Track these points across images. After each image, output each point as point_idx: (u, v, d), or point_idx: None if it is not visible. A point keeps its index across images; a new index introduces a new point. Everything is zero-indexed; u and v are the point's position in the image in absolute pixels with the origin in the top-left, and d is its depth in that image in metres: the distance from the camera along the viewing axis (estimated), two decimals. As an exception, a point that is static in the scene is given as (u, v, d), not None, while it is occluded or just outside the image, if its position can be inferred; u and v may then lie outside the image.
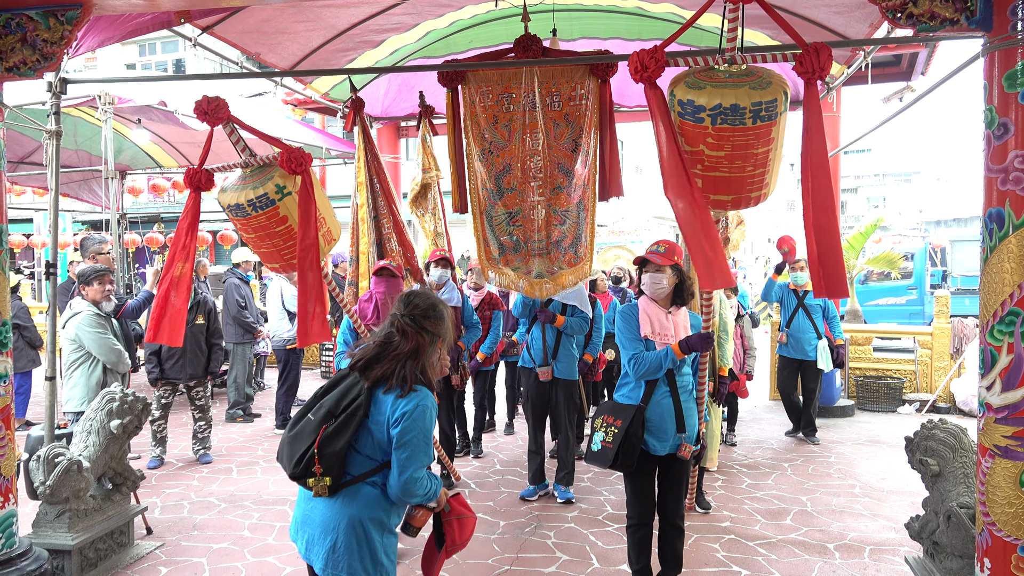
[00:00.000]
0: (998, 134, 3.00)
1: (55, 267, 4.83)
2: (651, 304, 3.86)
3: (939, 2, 3.06)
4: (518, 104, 4.95)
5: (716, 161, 3.31)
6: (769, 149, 3.30)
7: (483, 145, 5.06)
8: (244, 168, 4.08)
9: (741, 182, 3.37)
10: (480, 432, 7.36)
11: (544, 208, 5.05)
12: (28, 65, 3.71)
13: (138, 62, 24.74)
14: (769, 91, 3.20)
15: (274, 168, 3.97)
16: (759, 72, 3.34)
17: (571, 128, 4.97)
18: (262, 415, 8.85)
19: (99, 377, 5.55)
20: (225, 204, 4.00)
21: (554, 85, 4.92)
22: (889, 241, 21.70)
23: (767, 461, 6.82)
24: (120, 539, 4.71)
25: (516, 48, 4.89)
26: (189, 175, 4.07)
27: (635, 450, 3.71)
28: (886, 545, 4.82)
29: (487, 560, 4.62)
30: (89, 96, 7.20)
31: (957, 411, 8.75)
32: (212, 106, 3.94)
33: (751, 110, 3.16)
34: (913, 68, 8.43)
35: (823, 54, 3.22)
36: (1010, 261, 2.97)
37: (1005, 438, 2.99)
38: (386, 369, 2.57)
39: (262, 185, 3.90)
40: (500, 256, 5.19)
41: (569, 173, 5.00)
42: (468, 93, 5.01)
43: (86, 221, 19.72)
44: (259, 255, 4.28)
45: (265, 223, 3.97)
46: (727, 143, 3.24)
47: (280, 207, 3.93)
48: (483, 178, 5.11)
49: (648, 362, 3.70)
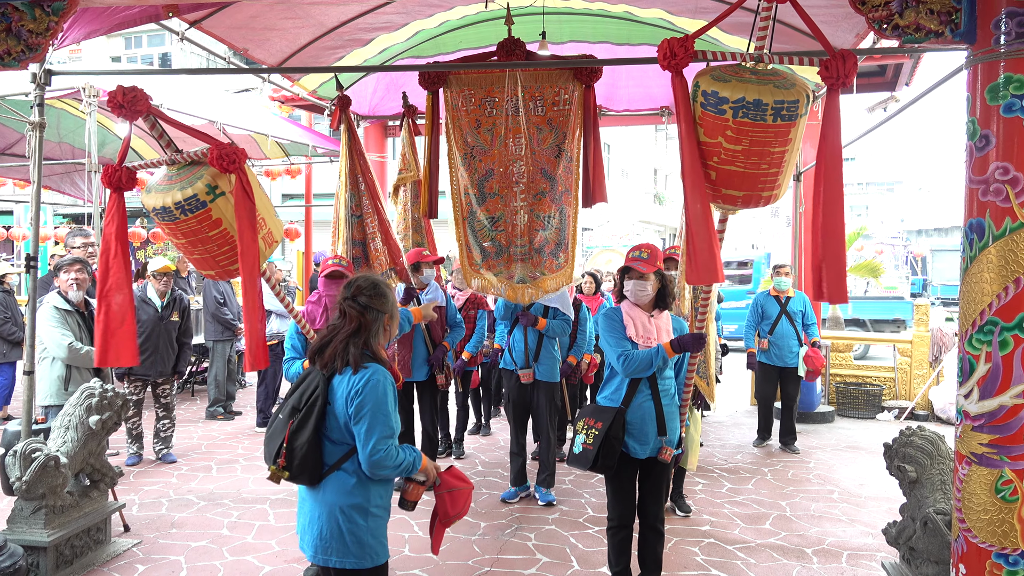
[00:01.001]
0: (980, 146, 3.04)
1: (36, 260, 4.78)
2: (634, 308, 3.89)
3: (925, 14, 3.10)
4: (501, 108, 4.93)
5: (733, 155, 3.32)
6: (786, 150, 3.33)
7: (465, 149, 5.03)
8: (170, 166, 3.71)
9: (755, 179, 3.38)
10: (463, 433, 7.35)
11: (527, 213, 5.04)
12: (12, 56, 3.67)
13: (124, 55, 24.55)
14: (792, 92, 3.23)
15: (204, 166, 3.59)
16: (784, 73, 3.37)
17: (554, 133, 4.96)
18: (243, 413, 8.79)
19: (61, 371, 5.44)
20: (150, 207, 3.62)
21: (537, 90, 4.90)
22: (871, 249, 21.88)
23: (747, 465, 6.86)
24: (97, 536, 4.67)
25: (499, 52, 4.87)
26: (107, 174, 3.71)
27: (615, 452, 3.73)
28: (863, 550, 4.86)
29: (467, 561, 4.61)
30: (73, 88, 7.12)
31: (935, 419, 8.84)
32: (128, 98, 3.53)
33: (773, 107, 3.18)
34: (898, 78, 8.53)
35: (849, 61, 3.24)
36: (989, 271, 3.00)
37: (982, 446, 3.03)
38: (333, 351, 2.69)
39: (190, 185, 3.52)
40: (482, 261, 5.16)
41: (552, 178, 4.99)
42: (450, 97, 4.98)
43: (67, 214, 19.52)
44: (192, 262, 3.92)
45: (196, 227, 3.60)
46: (746, 137, 3.25)
47: (212, 209, 3.56)
48: (465, 183, 5.08)
49: (639, 359, 3.70)
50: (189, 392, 10.21)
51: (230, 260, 3.77)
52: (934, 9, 3.10)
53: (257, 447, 7.31)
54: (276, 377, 8.16)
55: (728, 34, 5.68)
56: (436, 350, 5.96)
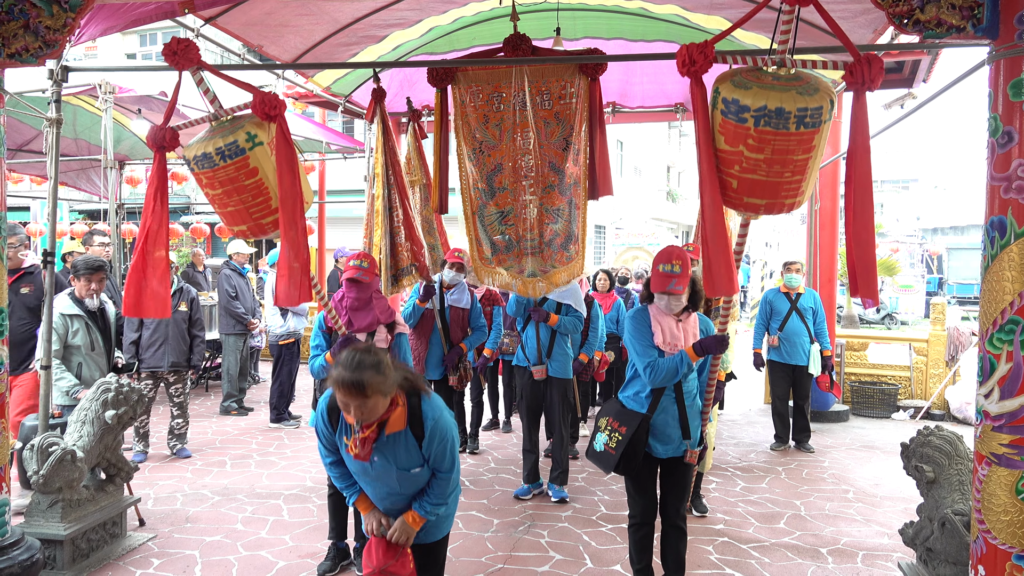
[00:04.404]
0: (1002, 142, 3.00)
1: (52, 256, 4.81)
2: (662, 313, 3.80)
3: (946, 9, 3.05)
4: (508, 103, 4.93)
5: (755, 164, 3.23)
6: (809, 157, 3.23)
7: (474, 145, 5.03)
8: (212, 122, 3.82)
9: (778, 187, 3.29)
10: (477, 428, 7.36)
11: (536, 207, 5.03)
12: (30, 52, 3.68)
13: (138, 52, 24.69)
14: (816, 98, 3.12)
15: (245, 118, 3.72)
16: (807, 78, 3.26)
17: (562, 127, 4.94)
18: (255, 409, 8.83)
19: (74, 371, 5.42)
20: (191, 156, 3.73)
21: (544, 84, 4.89)
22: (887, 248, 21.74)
23: (761, 464, 6.83)
24: (113, 530, 4.70)
25: (505, 47, 4.86)
26: (153, 133, 3.79)
27: (638, 456, 3.71)
28: (879, 551, 4.82)
29: (480, 558, 4.61)
30: (90, 85, 7.17)
31: (951, 418, 8.77)
32: (182, 46, 3.64)
33: (796, 115, 3.08)
34: (915, 75, 8.44)
35: (875, 66, 3.13)
36: (1011, 269, 2.97)
37: (1002, 446, 2.99)
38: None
39: (232, 133, 3.64)
40: (493, 256, 5.16)
41: (560, 171, 4.99)
42: (459, 93, 4.98)
43: (83, 211, 19.66)
44: (224, 217, 3.96)
45: (234, 174, 3.69)
46: (768, 146, 3.16)
47: (251, 157, 3.67)
48: (475, 178, 5.08)
49: (664, 369, 3.64)
50: (203, 387, 10.28)
51: (263, 212, 3.82)
52: (956, 4, 3.05)
53: (270, 443, 7.34)
54: (291, 375, 8.18)
55: (747, 31, 5.63)
56: (451, 351, 5.96)
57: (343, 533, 4.45)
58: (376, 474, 2.87)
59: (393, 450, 2.82)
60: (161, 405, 8.16)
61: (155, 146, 3.84)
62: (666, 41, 6.30)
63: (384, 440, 2.80)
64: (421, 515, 2.90)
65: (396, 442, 2.81)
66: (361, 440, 2.75)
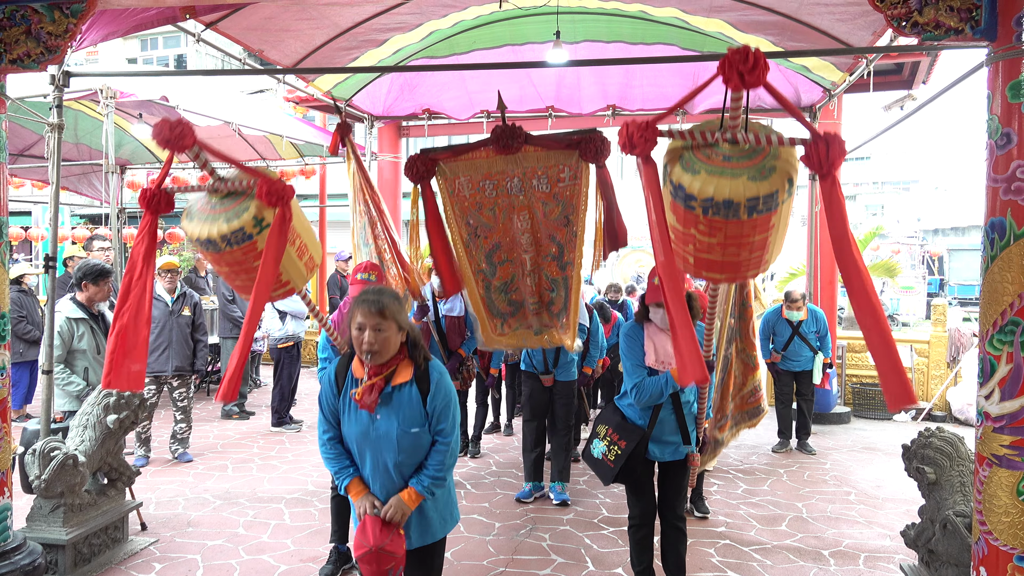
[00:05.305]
0: (1001, 144, 3.01)
1: (54, 260, 4.82)
2: (657, 330, 3.78)
3: (944, 11, 3.06)
4: (502, 188, 4.85)
5: (708, 246, 2.94)
6: (767, 235, 2.92)
7: (469, 230, 4.99)
8: (212, 193, 3.51)
9: (736, 265, 3.03)
10: (480, 432, 7.36)
11: (537, 274, 5.03)
12: (32, 58, 3.70)
13: (140, 57, 24.75)
14: (770, 181, 2.74)
15: (249, 196, 3.41)
16: (763, 152, 2.82)
17: (562, 206, 4.86)
18: (256, 413, 8.83)
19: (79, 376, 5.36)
20: (193, 236, 3.45)
21: (540, 168, 4.79)
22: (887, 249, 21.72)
23: (763, 467, 6.82)
24: (114, 534, 4.70)
25: (494, 140, 4.73)
26: (146, 196, 3.50)
27: (636, 470, 3.76)
28: (881, 552, 4.82)
29: (482, 561, 4.61)
30: (91, 90, 7.19)
31: (953, 419, 8.77)
32: (176, 133, 3.25)
33: (746, 205, 2.73)
34: (914, 77, 8.46)
35: (834, 146, 2.70)
36: (1011, 271, 2.97)
37: (1003, 447, 3.00)
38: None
39: (237, 217, 3.35)
40: (503, 325, 5.22)
41: (561, 244, 4.97)
42: (444, 185, 4.89)
43: (85, 215, 19.69)
44: (233, 287, 3.82)
45: (241, 258, 3.47)
46: (719, 232, 2.86)
47: (258, 241, 3.40)
48: (476, 261, 5.07)
49: (649, 391, 3.66)
50: (204, 391, 10.28)
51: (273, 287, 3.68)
52: (954, 6, 3.06)
53: (272, 447, 7.35)
54: (291, 378, 8.20)
55: (742, 32, 5.64)
56: (452, 359, 5.98)
57: (345, 536, 4.45)
58: (377, 435, 2.86)
59: (398, 405, 2.85)
60: (162, 409, 8.16)
61: (148, 209, 3.56)
62: (666, 44, 6.31)
63: (389, 392, 2.86)
64: (419, 491, 2.86)
65: (401, 396, 2.86)
66: (368, 387, 2.81)
